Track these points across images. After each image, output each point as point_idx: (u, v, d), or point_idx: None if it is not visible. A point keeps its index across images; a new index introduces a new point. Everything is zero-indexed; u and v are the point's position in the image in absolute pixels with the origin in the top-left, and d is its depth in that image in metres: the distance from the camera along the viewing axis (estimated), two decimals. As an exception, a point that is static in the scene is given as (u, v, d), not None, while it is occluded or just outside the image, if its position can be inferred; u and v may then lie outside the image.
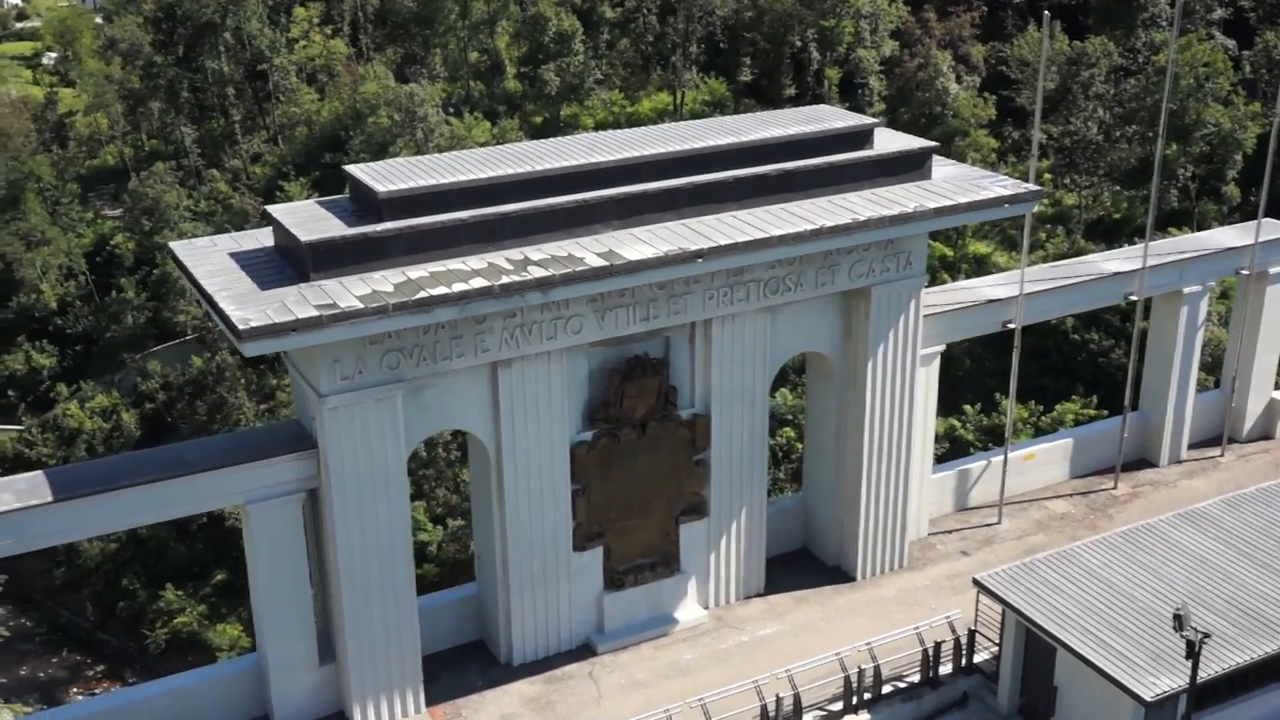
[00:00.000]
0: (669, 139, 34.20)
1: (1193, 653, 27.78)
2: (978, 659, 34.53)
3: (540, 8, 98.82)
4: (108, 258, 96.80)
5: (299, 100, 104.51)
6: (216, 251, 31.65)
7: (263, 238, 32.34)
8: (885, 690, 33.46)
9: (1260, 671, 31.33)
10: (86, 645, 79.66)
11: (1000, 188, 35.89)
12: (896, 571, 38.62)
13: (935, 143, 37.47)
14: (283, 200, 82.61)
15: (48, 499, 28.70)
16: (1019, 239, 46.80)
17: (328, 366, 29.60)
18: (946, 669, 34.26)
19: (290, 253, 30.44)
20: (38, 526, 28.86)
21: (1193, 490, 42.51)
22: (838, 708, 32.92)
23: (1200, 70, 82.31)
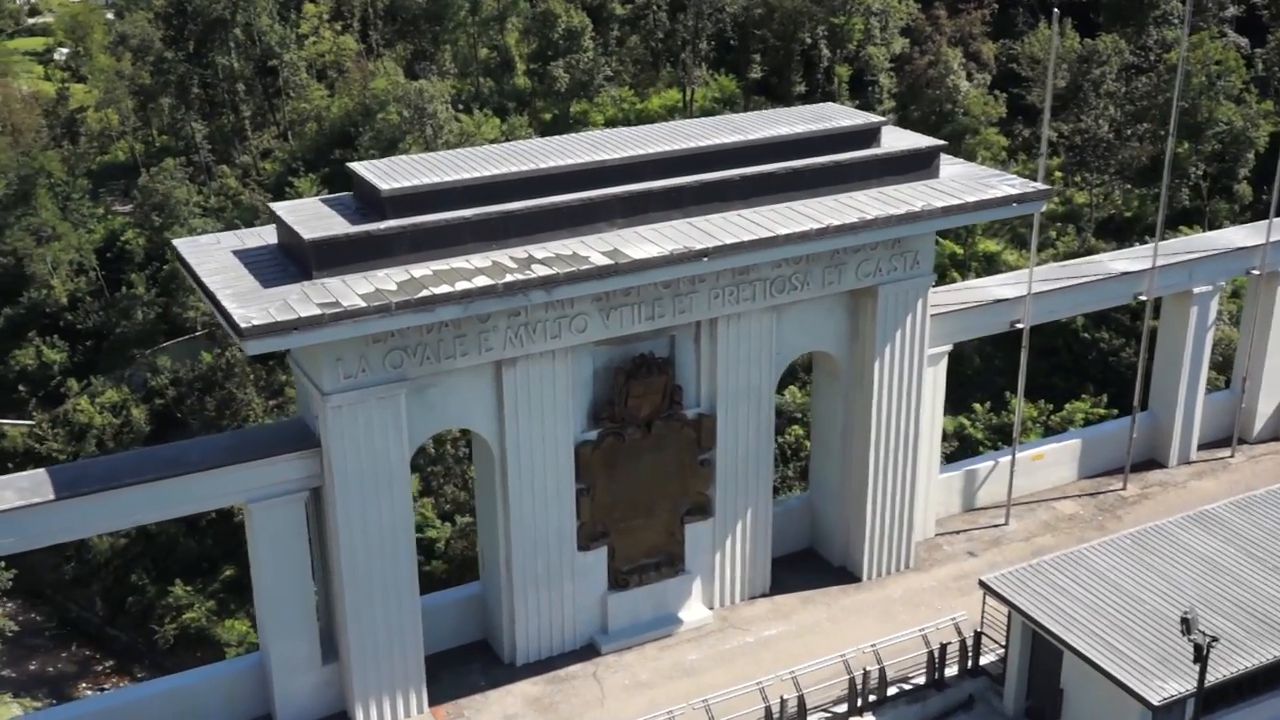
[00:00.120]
0: (674, 137, 34.01)
1: (1200, 657, 27.56)
2: (984, 661, 34.37)
3: (550, 4, 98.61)
4: (118, 253, 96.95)
5: (309, 96, 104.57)
6: (220, 249, 31.57)
7: (266, 235, 32.24)
8: (891, 692, 33.33)
9: (1269, 675, 31.06)
10: (96, 640, 79.86)
11: (1008, 187, 35.65)
12: (903, 572, 38.43)
13: (943, 141, 37.26)
14: (292, 196, 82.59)
15: (50, 497, 28.65)
16: (1029, 237, 46.67)
17: (331, 365, 29.51)
18: (952, 671, 34.10)
19: (293, 250, 30.34)
20: (40, 525, 28.83)
21: (1202, 491, 42.24)
22: (842, 710, 32.78)
23: (1212, 68, 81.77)
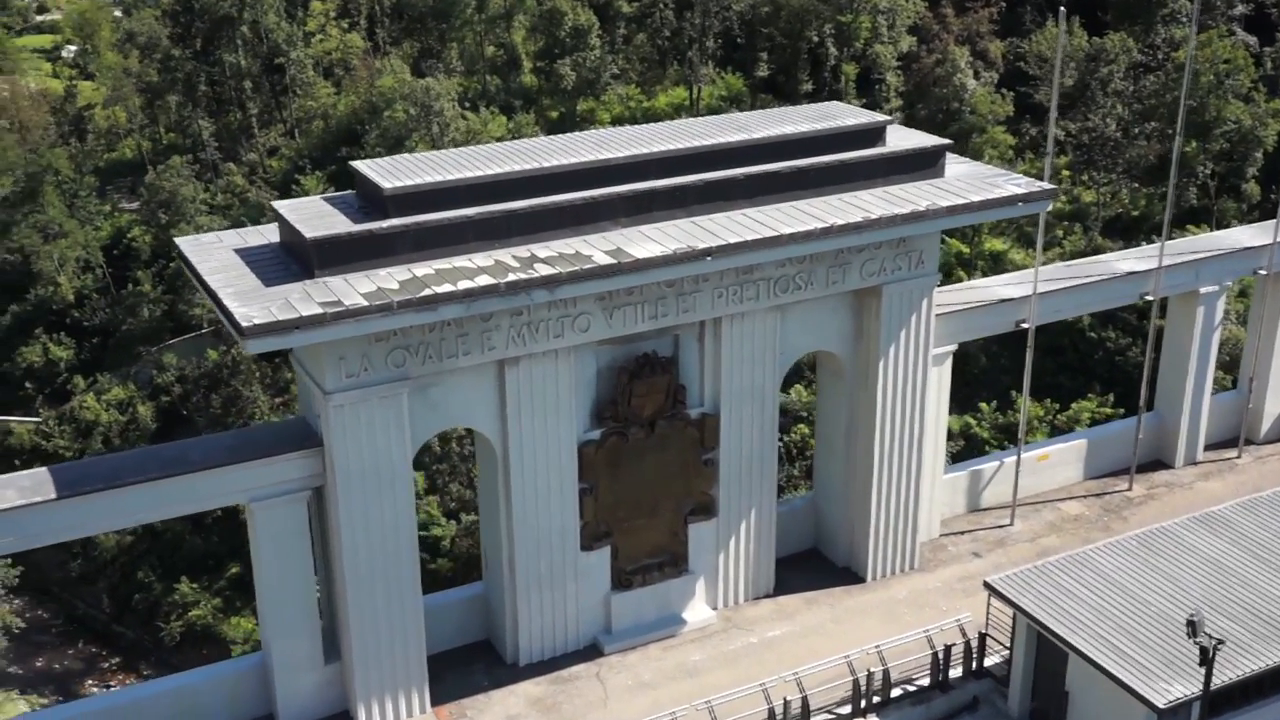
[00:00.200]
0: (678, 136, 33.89)
1: (1206, 659, 27.41)
2: (989, 662, 34.22)
3: (557, 2, 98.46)
4: (124, 251, 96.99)
5: (315, 94, 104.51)
6: (222, 247, 31.52)
7: (269, 234, 32.18)
8: (895, 694, 33.20)
9: (1276, 678, 30.88)
10: (102, 637, 79.96)
11: (1014, 186, 35.50)
12: (907, 573, 38.30)
13: (948, 140, 37.11)
14: (299, 194, 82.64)
15: (51, 496, 28.60)
16: (1036, 236, 46.42)
17: (333, 364, 29.44)
18: (957, 672, 33.94)
19: (296, 249, 30.28)
20: (41, 523, 28.79)
21: (1209, 492, 42.06)
22: (846, 711, 32.65)
23: (1220, 67, 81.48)
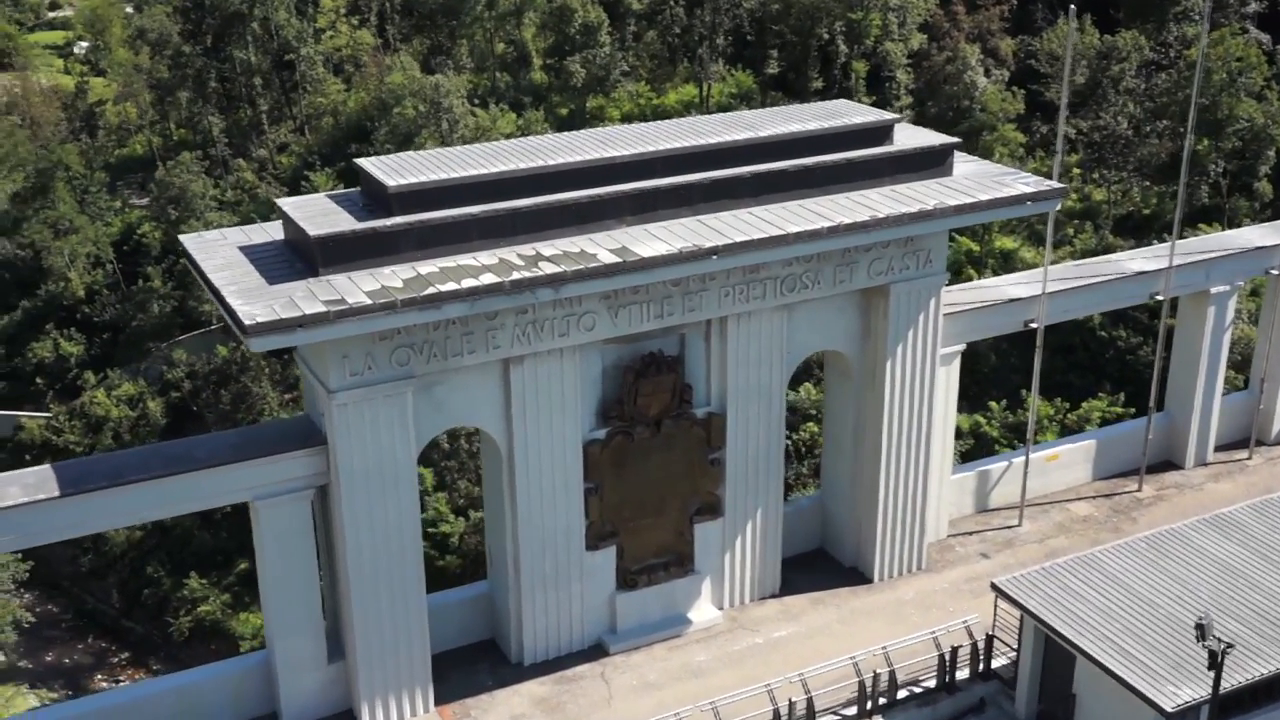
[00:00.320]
0: (684, 134, 33.74)
1: (1215, 663, 27.19)
2: (995, 664, 34.05)
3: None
4: (135, 246, 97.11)
5: (325, 91, 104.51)
6: (226, 245, 31.46)
7: (273, 231, 32.13)
8: (901, 695, 33.07)
9: (1285, 682, 30.69)
10: (112, 632, 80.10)
11: (1023, 185, 35.28)
12: (914, 574, 38.12)
13: (957, 139, 36.90)
14: (308, 191, 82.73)
15: (55, 494, 28.57)
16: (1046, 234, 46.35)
17: (337, 362, 29.36)
18: (963, 674, 33.78)
19: (300, 247, 30.21)
20: (45, 521, 28.77)
21: (1219, 494, 41.83)
22: (852, 712, 32.52)
23: (1233, 64, 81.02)
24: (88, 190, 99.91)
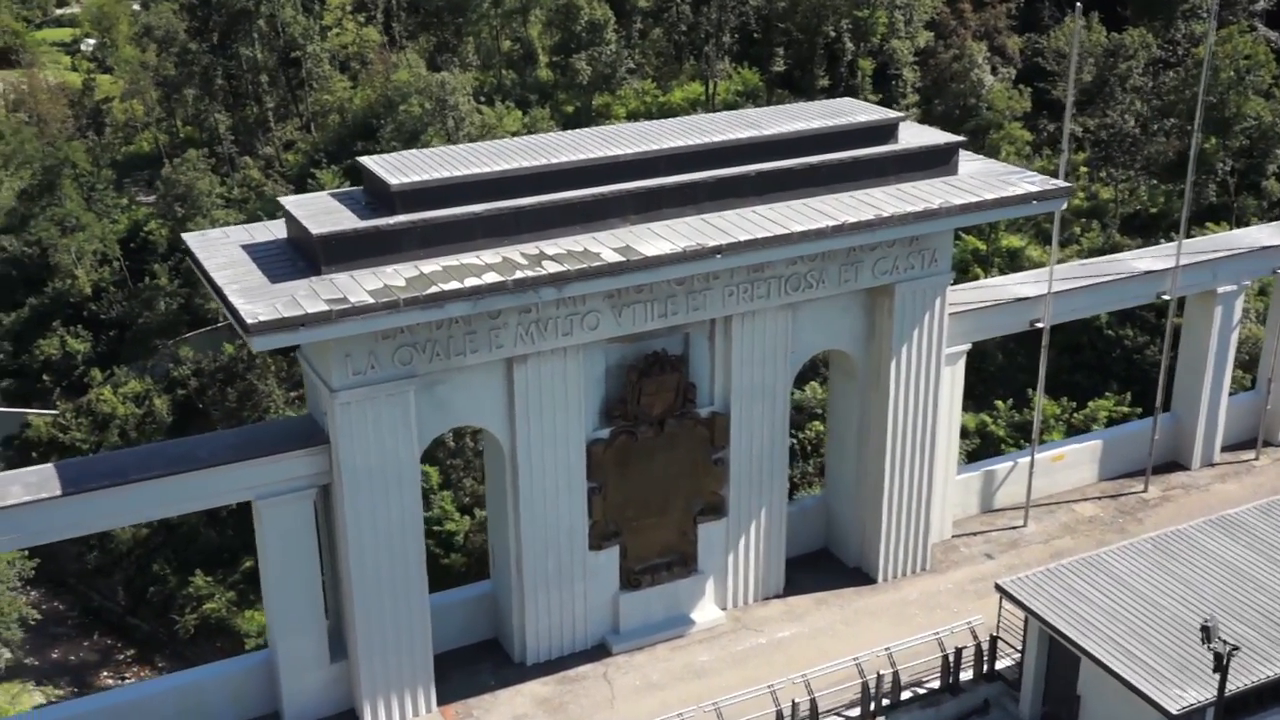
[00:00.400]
0: (688, 132, 33.63)
1: (1221, 665, 27.06)
2: (1000, 666, 33.94)
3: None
4: (141, 244, 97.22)
5: (332, 88, 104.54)
6: (228, 243, 31.40)
7: (276, 230, 32.05)
8: (904, 696, 32.97)
9: (1290, 684, 30.53)
10: (118, 629, 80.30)
11: (1028, 184, 35.13)
12: (919, 574, 38.00)
13: (962, 138, 36.80)
14: (315, 188, 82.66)
15: (57, 493, 28.53)
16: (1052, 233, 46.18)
17: (339, 361, 29.30)
18: (967, 675, 33.66)
19: (302, 245, 30.14)
20: (46, 521, 28.73)
21: (1225, 494, 41.64)
22: (855, 713, 32.40)
23: (1241, 62, 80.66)
24: (94, 187, 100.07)
